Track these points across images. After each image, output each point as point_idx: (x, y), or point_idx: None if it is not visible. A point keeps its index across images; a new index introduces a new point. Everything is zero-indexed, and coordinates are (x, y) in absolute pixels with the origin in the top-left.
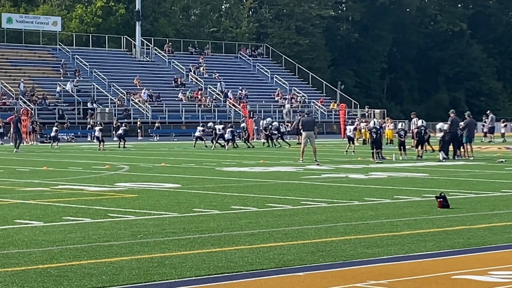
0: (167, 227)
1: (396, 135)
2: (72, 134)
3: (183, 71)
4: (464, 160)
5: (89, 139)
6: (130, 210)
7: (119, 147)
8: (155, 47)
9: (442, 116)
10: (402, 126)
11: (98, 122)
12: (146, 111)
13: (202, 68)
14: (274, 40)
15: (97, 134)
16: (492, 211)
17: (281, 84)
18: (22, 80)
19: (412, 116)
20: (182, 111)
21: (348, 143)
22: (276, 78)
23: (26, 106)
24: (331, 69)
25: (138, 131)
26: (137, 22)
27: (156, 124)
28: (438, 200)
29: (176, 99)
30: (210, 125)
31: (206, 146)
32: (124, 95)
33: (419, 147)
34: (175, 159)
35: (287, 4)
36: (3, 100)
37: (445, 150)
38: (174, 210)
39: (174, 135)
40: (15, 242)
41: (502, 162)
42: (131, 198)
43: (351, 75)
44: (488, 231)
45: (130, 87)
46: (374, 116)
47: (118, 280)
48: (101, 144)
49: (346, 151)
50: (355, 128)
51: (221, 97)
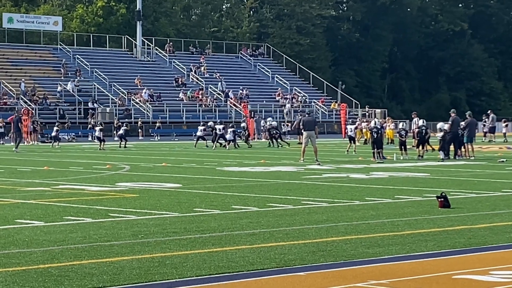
0: (168, 227)
1: (397, 135)
2: (73, 134)
3: (184, 71)
4: (465, 160)
5: (90, 139)
6: (131, 210)
7: (120, 147)
8: (156, 47)
9: (443, 116)
10: (403, 126)
11: (99, 122)
12: (147, 111)
13: (203, 68)
14: (275, 40)
15: (97, 134)
16: (493, 211)
17: (282, 84)
18: (23, 80)
19: (413, 116)
20: (183, 111)
21: (349, 142)
22: (277, 78)
23: (27, 106)
24: (332, 69)
25: (139, 131)
26: (138, 22)
27: (157, 124)
28: (439, 200)
29: (177, 99)
30: (210, 124)
31: (207, 146)
32: (125, 95)
33: (420, 147)
34: (176, 159)
35: (288, 4)
36: (4, 100)
37: (446, 150)
38: (175, 210)
39: (175, 135)
40: (16, 242)
41: (503, 162)
42: (132, 198)
43: (352, 75)
44: (489, 231)
45: (131, 87)
46: (375, 116)
47: (119, 280)
48: (101, 144)
49: (347, 151)
50: (356, 128)
51: (222, 97)
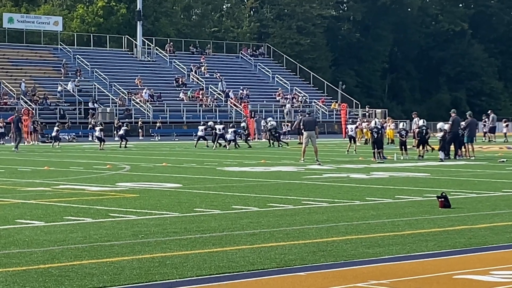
0: (168, 227)
1: (398, 135)
2: (73, 134)
3: (184, 71)
4: (465, 160)
5: (90, 139)
6: (131, 210)
7: (120, 147)
8: (156, 47)
9: (443, 116)
10: (403, 126)
11: (99, 123)
12: (147, 111)
13: (203, 68)
14: (275, 40)
15: (97, 134)
16: (494, 211)
17: (282, 84)
18: (23, 80)
19: (413, 116)
20: (183, 111)
21: (349, 142)
22: (277, 78)
23: (27, 106)
24: (332, 69)
25: (139, 131)
26: (138, 22)
27: (157, 124)
28: (440, 200)
29: (177, 99)
30: (210, 124)
31: (208, 146)
32: (125, 95)
33: (420, 147)
34: (176, 159)
35: (288, 4)
36: (5, 100)
37: (446, 150)
38: (175, 210)
39: (175, 135)
40: (16, 242)
41: (503, 162)
42: (132, 198)
43: (352, 75)
44: (490, 231)
45: (131, 87)
46: (375, 116)
47: (119, 280)
48: (101, 143)
49: (347, 151)
50: (357, 127)
51: (222, 97)
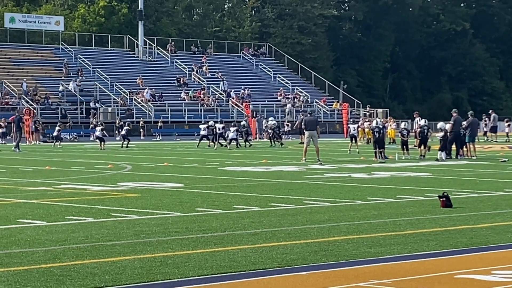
0: (170, 227)
1: (399, 134)
2: (75, 134)
3: (186, 70)
4: (467, 159)
5: (91, 138)
6: (132, 209)
7: (121, 147)
8: (158, 47)
9: (445, 116)
10: (405, 125)
11: (99, 123)
12: (149, 110)
13: (204, 67)
14: (276, 40)
15: (98, 134)
16: (495, 211)
17: (283, 83)
18: (24, 79)
19: (414, 116)
20: (184, 111)
21: (350, 141)
22: (278, 77)
23: (28, 106)
24: (333, 68)
25: (141, 130)
26: (139, 22)
27: (159, 124)
28: (441, 199)
29: (179, 98)
30: (211, 123)
31: (209, 146)
32: (127, 95)
33: (422, 147)
34: (177, 158)
35: (290, 4)
36: (6, 100)
37: (447, 149)
38: (177, 209)
39: (177, 134)
40: (18, 242)
41: (505, 161)
42: (134, 198)
43: (353, 74)
44: (491, 230)
45: (133, 86)
46: (376, 116)
47: (121, 280)
48: (102, 143)
49: (349, 151)
50: (358, 127)
51: (223, 96)
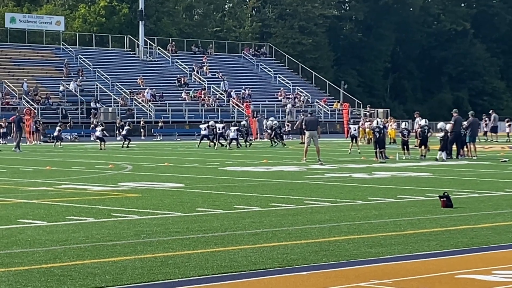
0: (171, 227)
1: (400, 134)
2: (75, 134)
3: (187, 70)
4: (467, 159)
5: (92, 138)
6: (133, 209)
7: (122, 147)
8: (158, 47)
9: (445, 116)
10: (405, 125)
11: (99, 123)
12: (149, 110)
13: (205, 67)
14: (277, 40)
15: (98, 134)
16: (496, 211)
17: (284, 83)
18: (25, 79)
19: (415, 116)
20: (185, 111)
21: (351, 141)
22: (279, 77)
23: (29, 106)
24: (334, 68)
25: (141, 130)
26: (140, 22)
27: (159, 124)
28: (442, 199)
29: (180, 98)
30: (211, 123)
31: (210, 146)
32: (128, 95)
33: (422, 147)
34: (178, 158)
35: (290, 4)
36: (7, 100)
37: (448, 149)
38: (178, 209)
39: (177, 134)
40: (18, 242)
41: (505, 161)
42: (135, 198)
43: (354, 74)
44: (492, 230)
45: (134, 86)
46: (377, 116)
47: (122, 280)
48: (102, 143)
49: (350, 151)
50: (359, 127)
51: (224, 96)
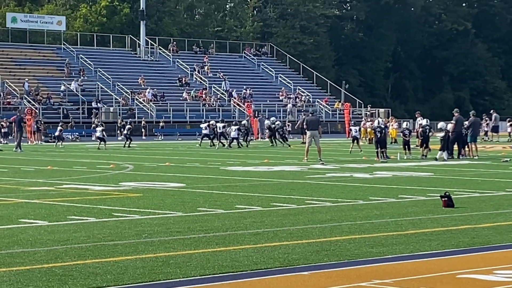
0: (172, 227)
1: (401, 134)
2: (77, 134)
3: (188, 70)
4: (469, 159)
5: (93, 138)
6: (134, 209)
7: (124, 147)
8: (160, 47)
9: (447, 116)
10: (406, 125)
11: (100, 123)
12: (151, 110)
13: (206, 67)
14: (278, 40)
15: (98, 134)
16: (497, 210)
17: (285, 83)
18: (26, 79)
19: (416, 116)
20: (186, 111)
21: (352, 143)
22: (280, 77)
23: (30, 106)
24: (335, 68)
25: (142, 130)
26: (141, 22)
27: (161, 124)
28: (443, 199)
29: (181, 98)
30: (212, 122)
31: (211, 145)
32: (129, 95)
33: (424, 146)
34: (179, 158)
35: (292, 4)
36: (8, 100)
37: (449, 149)
38: (179, 209)
39: (179, 134)
40: (20, 242)
41: (506, 161)
42: (136, 198)
43: (355, 74)
44: (493, 230)
45: (135, 86)
46: (378, 116)
47: (123, 280)
48: (102, 143)
49: (350, 150)
50: (360, 129)
51: (225, 96)
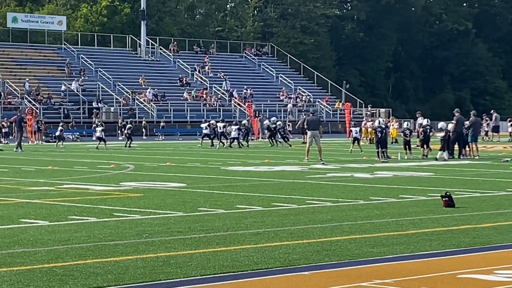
0: (173, 227)
1: (402, 134)
2: (77, 134)
3: (188, 70)
4: (469, 159)
5: (94, 138)
6: (135, 209)
7: (125, 146)
8: (160, 47)
9: (447, 115)
10: (407, 125)
11: (100, 123)
12: (151, 110)
13: (207, 67)
14: (279, 39)
15: (98, 134)
16: (498, 210)
17: (286, 83)
18: (27, 79)
19: (417, 115)
20: (187, 111)
21: (352, 143)
22: (281, 77)
23: (31, 106)
24: (336, 68)
25: (143, 130)
26: (142, 22)
27: (161, 124)
28: (444, 199)
29: (181, 98)
30: (212, 122)
31: (211, 145)
32: (129, 94)
33: (424, 146)
34: (180, 158)
35: (292, 3)
36: (9, 100)
37: (450, 149)
38: (180, 209)
39: (179, 134)
40: (20, 241)
41: (507, 161)
42: (137, 198)
43: (356, 74)
44: (494, 230)
45: (135, 86)
46: (379, 115)
47: (124, 280)
48: (101, 143)
49: (351, 150)
50: (361, 129)
51: (226, 96)
